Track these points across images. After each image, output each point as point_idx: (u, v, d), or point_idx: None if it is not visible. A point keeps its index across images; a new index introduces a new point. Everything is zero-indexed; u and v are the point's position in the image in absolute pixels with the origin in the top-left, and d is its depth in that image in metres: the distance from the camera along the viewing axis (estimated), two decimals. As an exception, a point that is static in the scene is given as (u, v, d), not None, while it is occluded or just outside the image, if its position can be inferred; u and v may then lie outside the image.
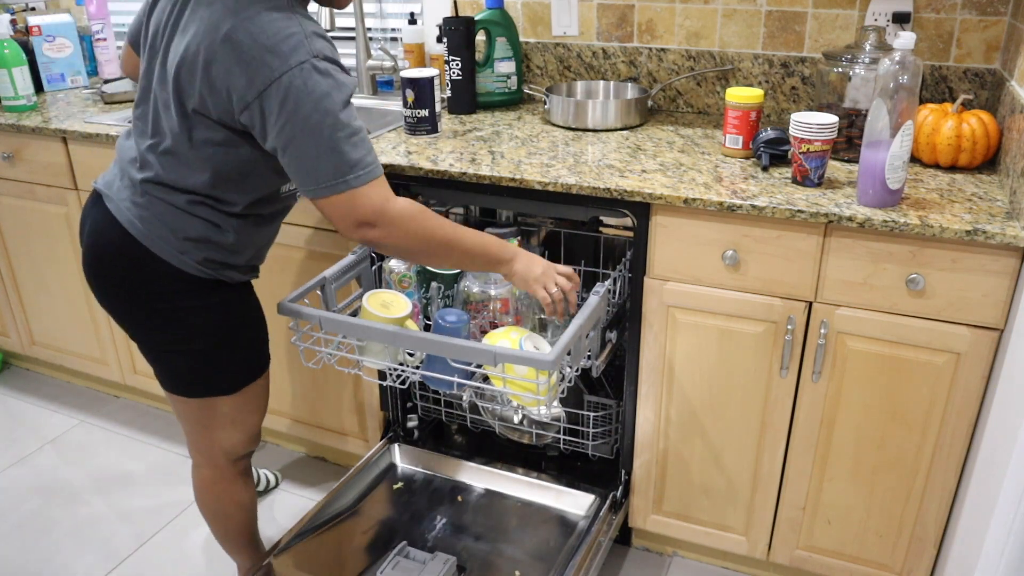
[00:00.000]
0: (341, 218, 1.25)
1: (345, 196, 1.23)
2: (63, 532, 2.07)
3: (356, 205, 1.24)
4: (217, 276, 1.39)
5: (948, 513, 1.57)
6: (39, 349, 2.62)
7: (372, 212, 1.25)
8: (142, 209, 1.34)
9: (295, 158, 1.23)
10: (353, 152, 1.22)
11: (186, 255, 1.35)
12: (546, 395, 1.39)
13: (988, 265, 1.36)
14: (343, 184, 1.22)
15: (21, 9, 2.71)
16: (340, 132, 1.21)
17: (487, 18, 2.10)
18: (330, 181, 1.22)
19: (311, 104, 1.18)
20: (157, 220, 1.33)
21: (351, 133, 1.22)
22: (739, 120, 1.68)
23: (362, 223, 1.25)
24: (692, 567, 1.93)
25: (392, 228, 1.27)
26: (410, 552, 1.65)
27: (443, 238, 1.33)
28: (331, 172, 1.22)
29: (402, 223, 1.27)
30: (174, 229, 1.34)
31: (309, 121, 1.19)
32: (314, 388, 2.12)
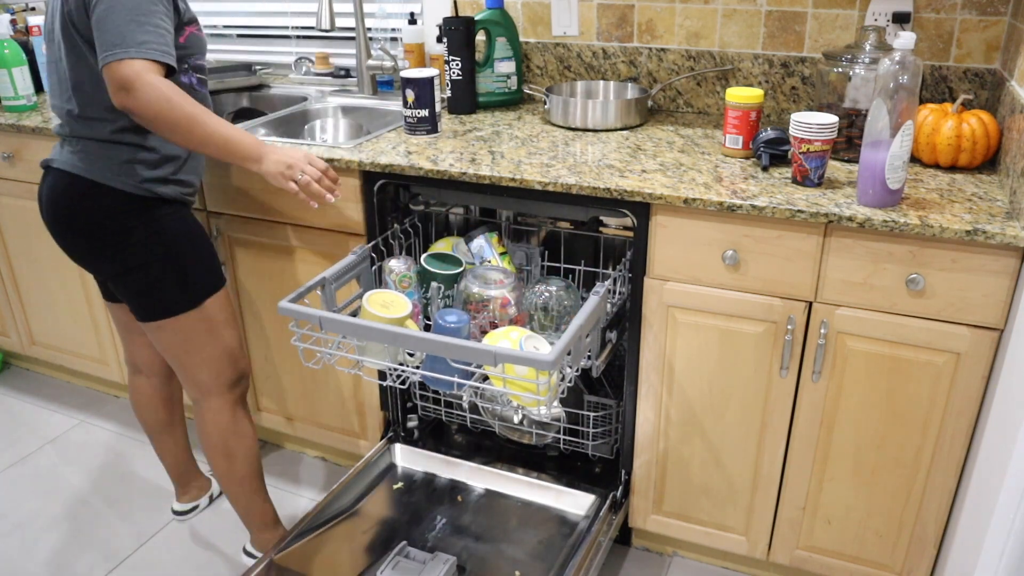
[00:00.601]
0: (110, 84, 1.40)
1: (116, 64, 1.38)
2: (63, 532, 2.07)
3: (121, 70, 1.38)
4: (156, 192, 1.57)
5: (948, 513, 1.57)
6: (39, 349, 2.62)
7: (129, 77, 1.38)
8: (80, 153, 1.55)
9: (97, 29, 1.40)
10: (143, 34, 1.39)
11: (125, 176, 1.54)
12: (546, 395, 1.39)
13: (988, 265, 1.36)
14: (120, 53, 1.37)
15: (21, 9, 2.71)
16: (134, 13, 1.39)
17: (487, 18, 2.10)
18: (112, 49, 1.38)
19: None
20: (93, 155, 1.55)
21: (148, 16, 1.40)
22: (739, 120, 1.68)
23: (120, 87, 1.39)
24: (692, 567, 1.93)
25: (142, 94, 1.38)
26: (410, 552, 1.65)
27: (189, 115, 1.43)
28: (115, 41, 1.38)
29: (152, 90, 1.39)
30: (109, 157, 1.54)
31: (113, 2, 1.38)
32: (314, 388, 2.12)
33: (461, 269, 1.76)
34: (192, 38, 1.56)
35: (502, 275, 1.68)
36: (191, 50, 1.57)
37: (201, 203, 2.02)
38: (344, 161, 1.77)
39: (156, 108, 1.40)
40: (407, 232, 1.93)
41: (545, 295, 1.65)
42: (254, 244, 2.00)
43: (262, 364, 2.16)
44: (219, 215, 2.01)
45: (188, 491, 2.10)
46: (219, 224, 2.02)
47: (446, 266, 1.76)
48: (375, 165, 1.75)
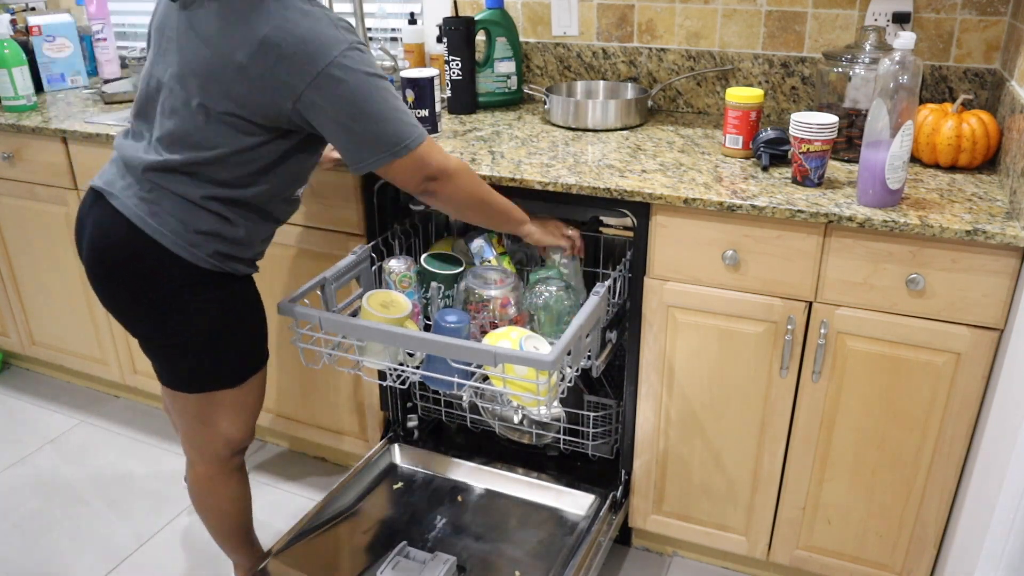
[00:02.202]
0: (409, 177, 1.38)
1: (411, 157, 1.35)
2: (63, 532, 2.07)
3: (424, 163, 1.37)
4: (224, 268, 1.41)
5: (948, 513, 1.57)
6: (39, 349, 2.62)
7: (437, 168, 1.39)
8: (151, 204, 1.36)
9: (358, 132, 1.31)
10: (406, 117, 1.34)
11: (196, 248, 1.37)
12: (546, 395, 1.39)
13: (988, 265, 1.36)
14: (407, 147, 1.34)
15: (21, 9, 2.71)
16: (393, 101, 1.33)
17: (487, 18, 2.10)
18: (396, 147, 1.33)
19: (364, 81, 1.29)
20: (167, 214, 1.35)
21: (396, 104, 1.34)
22: (739, 120, 1.68)
23: (428, 178, 1.39)
24: (692, 567, 1.93)
25: (452, 181, 1.41)
26: (410, 552, 1.65)
27: (485, 195, 1.50)
28: (395, 138, 1.33)
29: (459, 177, 1.43)
30: (184, 222, 1.36)
31: (368, 97, 1.29)
32: (314, 388, 2.12)
33: (461, 269, 1.76)
34: None
35: (502, 275, 1.68)
36: None
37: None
38: (344, 161, 1.77)
39: (463, 195, 1.45)
40: (407, 232, 1.93)
41: (545, 295, 1.64)
42: (254, 244, 2.00)
43: (262, 364, 2.16)
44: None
45: None
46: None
47: (446, 266, 1.76)
48: (375, 165, 1.75)
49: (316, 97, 1.27)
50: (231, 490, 1.64)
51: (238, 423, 1.55)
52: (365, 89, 1.28)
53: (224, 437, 1.55)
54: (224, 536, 1.71)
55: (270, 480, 2.24)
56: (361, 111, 1.29)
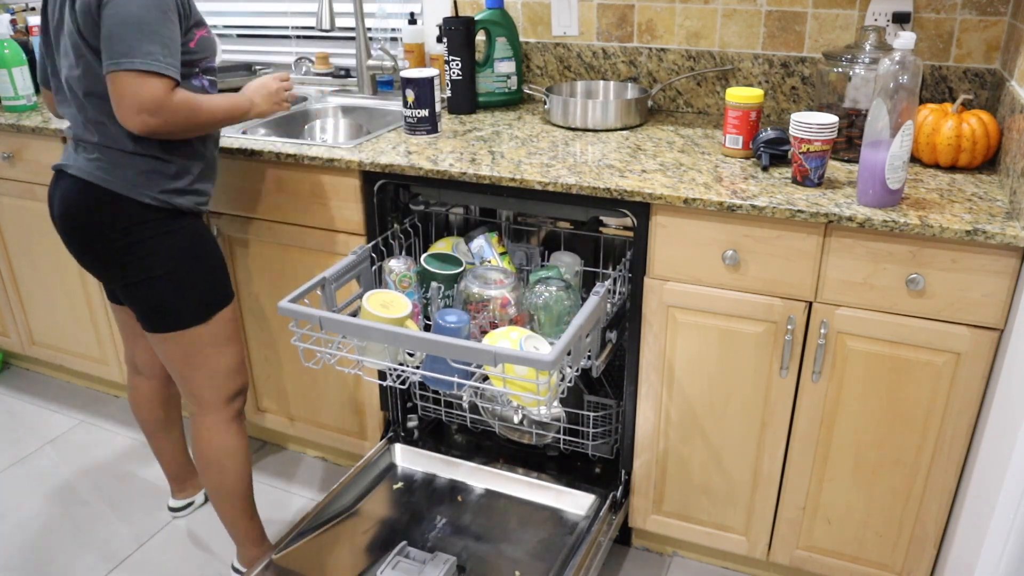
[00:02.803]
0: (126, 98, 1.42)
1: (134, 77, 1.40)
2: (63, 532, 2.07)
3: (142, 90, 1.41)
4: (171, 203, 1.56)
5: (948, 513, 1.57)
6: (39, 349, 2.62)
7: (154, 102, 1.42)
8: (97, 160, 1.54)
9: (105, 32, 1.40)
10: (150, 44, 1.40)
11: (143, 187, 1.53)
12: (546, 395, 1.39)
13: (988, 265, 1.36)
14: (130, 62, 1.39)
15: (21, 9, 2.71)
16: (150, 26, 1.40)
17: (487, 18, 2.10)
18: (125, 57, 1.39)
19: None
20: (111, 164, 1.53)
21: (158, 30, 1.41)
22: (739, 120, 1.68)
23: (142, 110, 1.42)
24: (692, 567, 1.93)
25: (170, 116, 1.45)
26: (410, 552, 1.65)
27: (206, 121, 1.55)
28: (127, 49, 1.39)
29: (177, 112, 1.46)
30: (128, 167, 1.53)
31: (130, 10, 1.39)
32: (314, 388, 2.12)
33: (461, 269, 1.76)
34: (202, 41, 1.55)
35: (502, 275, 1.68)
36: (202, 54, 1.56)
37: (201, 203, 2.02)
38: (344, 161, 1.77)
39: (178, 127, 1.48)
40: (407, 232, 1.93)
41: (545, 295, 1.64)
42: (254, 244, 2.00)
43: (262, 364, 2.16)
44: (219, 215, 2.01)
45: (184, 488, 2.10)
46: (219, 224, 2.02)
47: (446, 266, 1.76)
48: (375, 165, 1.75)
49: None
50: (229, 440, 1.74)
51: (221, 361, 1.69)
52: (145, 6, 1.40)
53: (213, 379, 1.69)
54: (223, 496, 1.78)
55: (270, 480, 2.24)
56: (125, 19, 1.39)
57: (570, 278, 1.78)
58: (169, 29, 1.44)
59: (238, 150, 1.88)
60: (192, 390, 1.70)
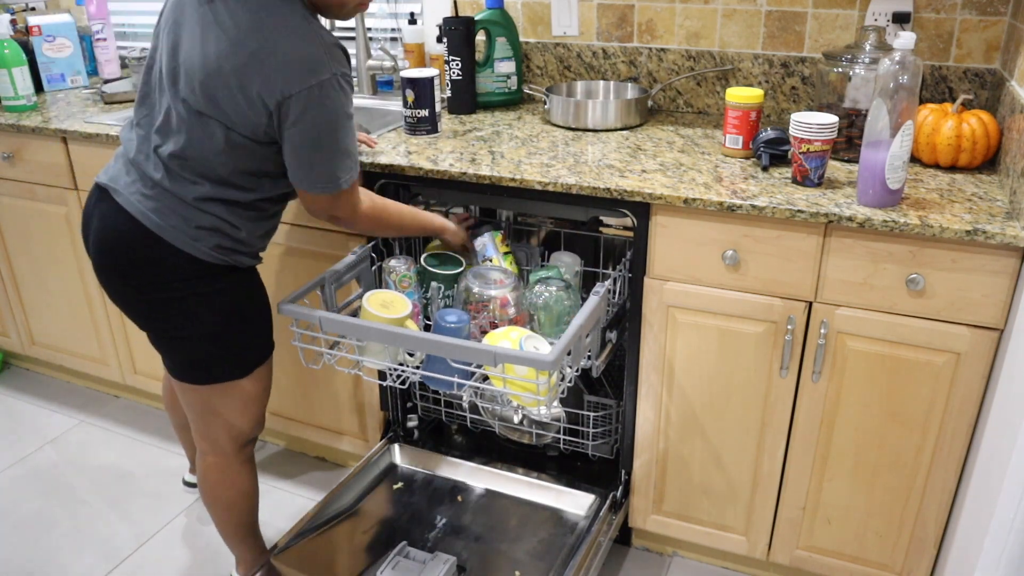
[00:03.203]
0: (319, 210, 1.46)
1: (329, 196, 1.42)
2: (63, 532, 2.07)
3: (337, 205, 1.44)
4: (227, 261, 1.45)
5: (948, 513, 1.57)
6: (39, 349, 2.62)
7: (346, 213, 1.47)
8: (153, 200, 1.39)
9: (299, 157, 1.37)
10: (345, 162, 1.39)
11: (198, 242, 1.40)
12: (546, 395, 1.39)
13: (988, 265, 1.36)
14: (332, 187, 1.40)
15: (21, 9, 2.71)
16: (341, 145, 1.38)
17: (487, 18, 2.10)
18: (322, 183, 1.39)
19: (327, 117, 1.33)
20: (169, 211, 1.39)
21: (347, 146, 1.39)
22: (739, 120, 1.68)
23: (334, 217, 1.47)
24: (692, 567, 1.93)
25: (355, 224, 1.52)
26: (410, 552, 1.65)
27: (393, 229, 1.62)
28: (325, 177, 1.39)
29: (364, 222, 1.52)
30: (186, 219, 1.40)
31: (322, 132, 1.34)
32: (314, 388, 2.12)
33: (461, 269, 1.76)
34: None
35: (502, 275, 1.68)
36: None
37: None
38: (344, 161, 1.77)
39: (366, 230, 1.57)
40: (407, 232, 1.93)
41: (545, 295, 1.64)
42: (254, 244, 2.00)
43: (262, 364, 2.16)
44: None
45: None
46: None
47: (446, 266, 1.76)
48: (375, 165, 1.75)
49: (288, 113, 1.31)
50: (239, 482, 1.67)
51: (246, 413, 1.59)
52: (330, 124, 1.34)
53: (233, 427, 1.59)
54: (230, 529, 1.73)
55: (270, 480, 2.24)
56: (316, 142, 1.35)
57: (570, 278, 1.78)
58: (353, 136, 1.40)
59: (238, 150, 1.87)
60: (207, 434, 1.60)
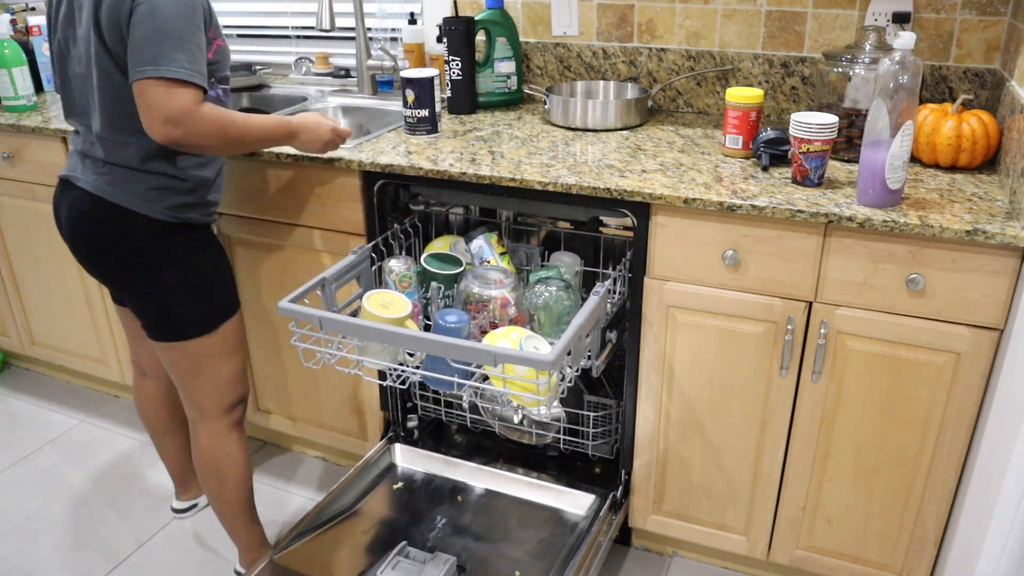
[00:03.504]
0: (152, 108, 1.38)
1: (161, 86, 1.36)
2: (63, 532, 2.07)
3: (169, 99, 1.37)
4: (182, 218, 1.56)
5: (948, 513, 1.57)
6: (39, 349, 2.62)
7: (180, 109, 1.38)
8: (107, 176, 1.52)
9: (132, 42, 1.38)
10: (177, 46, 1.37)
11: (153, 203, 1.53)
12: (546, 395, 1.39)
13: (988, 265, 1.36)
14: (155, 69, 1.36)
15: (21, 9, 2.71)
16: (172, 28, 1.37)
17: (487, 18, 2.10)
18: (145, 64, 1.36)
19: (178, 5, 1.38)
20: (121, 179, 1.52)
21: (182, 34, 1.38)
22: (739, 120, 1.68)
23: (168, 120, 1.38)
24: (692, 567, 1.93)
25: (197, 127, 1.41)
26: (410, 552, 1.65)
27: (241, 133, 1.51)
28: (150, 57, 1.36)
29: (205, 122, 1.42)
30: (137, 182, 1.52)
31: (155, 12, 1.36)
32: (314, 388, 2.12)
33: (461, 269, 1.76)
34: (220, 51, 1.53)
35: (502, 275, 1.68)
36: (219, 64, 1.54)
37: (201, 203, 2.02)
38: (344, 161, 1.77)
39: (208, 139, 1.44)
40: (407, 232, 1.93)
41: (545, 295, 1.64)
42: (254, 244, 2.00)
43: (262, 364, 2.16)
44: (219, 215, 2.01)
45: (188, 490, 2.10)
46: (219, 224, 2.02)
47: (446, 266, 1.76)
48: (375, 165, 1.75)
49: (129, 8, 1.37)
50: (230, 449, 1.75)
51: (224, 371, 1.69)
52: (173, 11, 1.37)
53: (215, 388, 1.69)
54: (224, 504, 1.79)
55: (270, 480, 2.24)
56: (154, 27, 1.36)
57: (570, 278, 1.78)
58: (197, 38, 1.41)
59: (238, 150, 1.88)
60: (193, 398, 1.70)
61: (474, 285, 1.65)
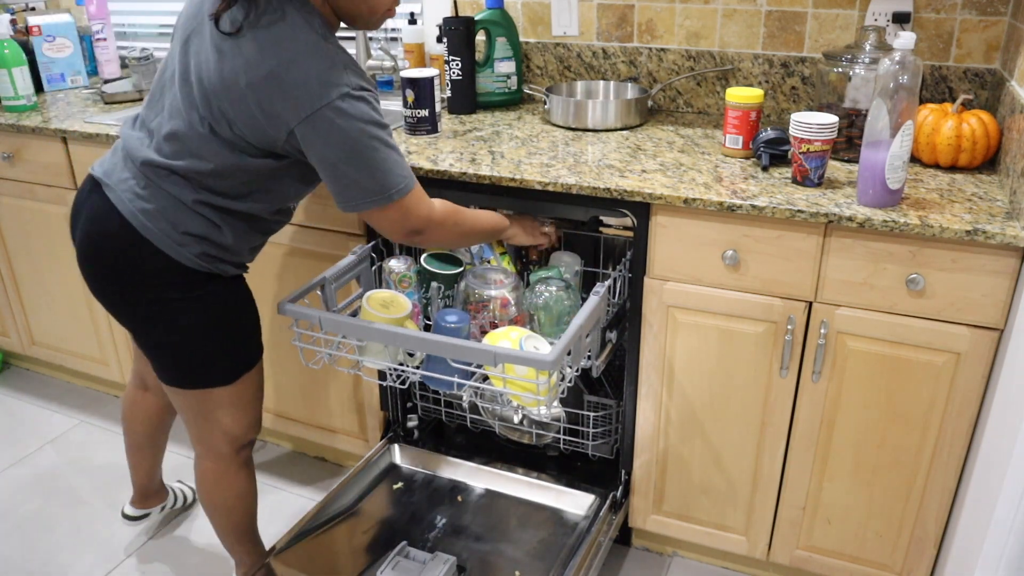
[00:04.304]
0: (392, 226, 1.39)
1: (395, 207, 1.35)
2: (63, 532, 2.07)
3: (407, 216, 1.38)
4: (212, 269, 1.42)
5: (948, 513, 1.57)
6: (39, 349, 2.62)
7: (420, 221, 1.40)
8: (144, 201, 1.36)
9: (339, 176, 1.31)
10: (392, 169, 1.33)
11: (184, 248, 1.38)
12: (546, 395, 1.39)
13: (988, 265, 1.36)
14: (384, 199, 1.33)
15: (21, 9, 2.71)
16: (380, 154, 1.31)
17: (487, 18, 2.10)
18: (374, 197, 1.33)
19: (354, 130, 1.28)
20: (159, 212, 1.36)
21: (388, 155, 1.32)
22: (739, 120, 1.68)
23: (412, 231, 1.41)
24: (692, 567, 1.93)
25: (435, 231, 1.44)
26: (410, 552, 1.65)
27: (469, 230, 1.54)
28: (375, 189, 1.32)
29: (443, 226, 1.45)
30: (175, 223, 1.37)
31: (354, 146, 1.29)
32: (314, 388, 2.12)
33: (461, 269, 1.76)
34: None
35: (502, 275, 1.68)
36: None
37: (201, 203, 2.02)
38: (344, 161, 1.77)
39: (446, 240, 1.50)
40: (407, 232, 1.93)
41: (545, 295, 1.64)
42: (254, 244, 2.00)
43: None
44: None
45: (147, 503, 2.02)
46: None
47: (446, 266, 1.76)
48: (375, 165, 1.75)
49: (309, 134, 1.27)
50: (237, 486, 1.64)
51: (238, 418, 1.56)
52: (357, 136, 1.28)
53: (227, 432, 1.56)
54: (228, 532, 1.70)
55: (270, 480, 2.24)
56: (350, 156, 1.29)
57: (570, 278, 1.78)
58: (389, 138, 1.33)
59: (238, 150, 1.87)
60: (203, 438, 1.58)
61: (474, 285, 1.65)
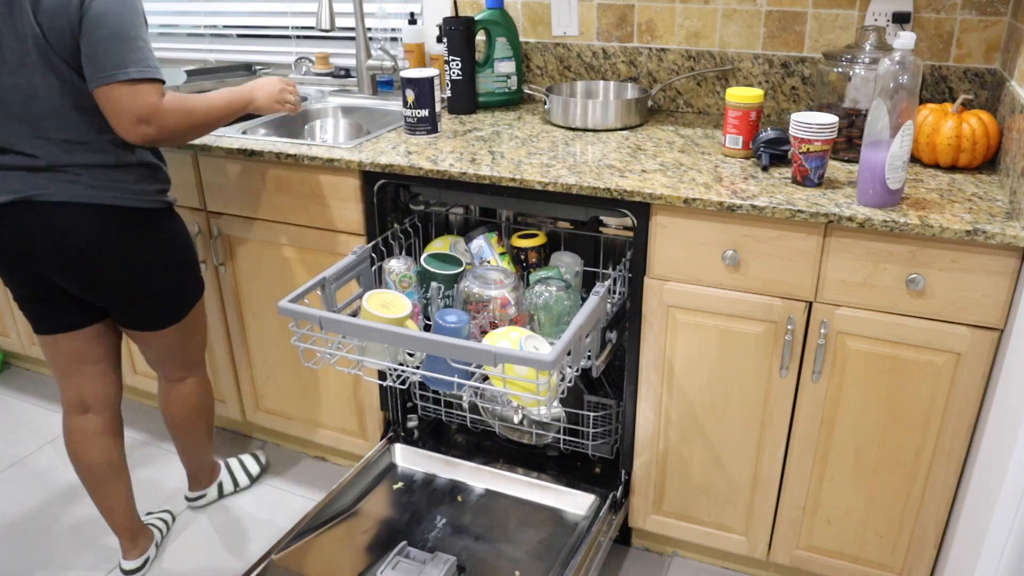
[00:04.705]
0: (121, 113, 1.42)
1: (127, 88, 1.40)
2: (63, 532, 2.07)
3: (136, 100, 1.41)
4: (163, 201, 1.63)
5: (948, 513, 1.57)
6: (39, 349, 2.61)
7: (149, 107, 1.42)
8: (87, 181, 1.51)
9: (92, 47, 1.39)
10: (135, 48, 1.41)
11: (142, 193, 1.57)
12: (546, 395, 1.39)
13: (988, 265, 1.36)
14: (122, 73, 1.39)
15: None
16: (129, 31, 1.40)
17: (487, 18, 2.10)
18: (111, 69, 1.39)
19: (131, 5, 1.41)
20: (105, 180, 1.52)
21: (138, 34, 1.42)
22: (739, 120, 1.68)
23: (140, 118, 1.42)
24: (692, 567, 1.93)
25: (165, 118, 1.45)
26: (410, 552, 1.65)
27: (204, 116, 1.55)
28: (113, 62, 1.39)
29: (173, 113, 1.47)
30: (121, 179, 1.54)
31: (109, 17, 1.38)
32: (314, 388, 2.12)
33: (461, 269, 1.76)
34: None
35: (502, 275, 1.68)
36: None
37: (201, 203, 2.02)
38: (344, 161, 1.77)
39: (178, 127, 1.49)
40: (407, 232, 1.93)
41: (545, 295, 1.65)
42: (254, 244, 2.01)
43: (262, 364, 2.16)
44: (219, 215, 2.01)
45: (138, 544, 1.91)
46: (219, 224, 2.02)
47: (446, 266, 1.76)
48: (375, 165, 1.75)
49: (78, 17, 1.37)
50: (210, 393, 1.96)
51: (204, 322, 1.86)
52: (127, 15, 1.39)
53: (203, 338, 1.87)
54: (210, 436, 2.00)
55: (270, 480, 2.24)
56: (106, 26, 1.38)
57: (570, 278, 1.78)
58: (145, 34, 1.45)
59: (238, 150, 1.88)
60: (186, 359, 1.83)
61: (474, 285, 1.65)
